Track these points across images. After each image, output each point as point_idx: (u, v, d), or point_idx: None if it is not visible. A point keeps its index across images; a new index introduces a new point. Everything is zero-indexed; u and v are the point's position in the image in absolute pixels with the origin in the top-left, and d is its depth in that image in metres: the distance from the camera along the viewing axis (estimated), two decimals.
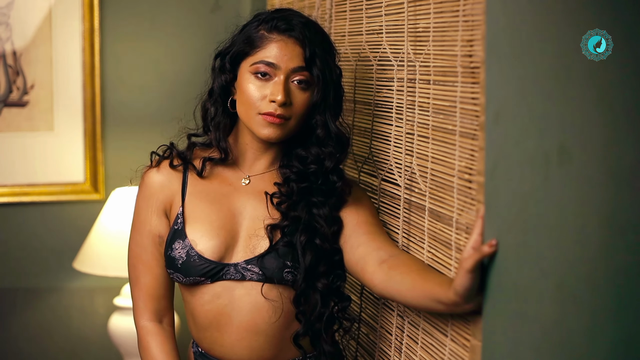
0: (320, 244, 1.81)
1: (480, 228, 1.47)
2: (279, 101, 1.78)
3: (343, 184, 1.85)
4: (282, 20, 1.82)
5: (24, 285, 3.14)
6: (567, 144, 1.26)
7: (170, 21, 3.20)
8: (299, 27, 1.81)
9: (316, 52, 1.81)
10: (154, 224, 1.88)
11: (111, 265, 2.88)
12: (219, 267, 1.82)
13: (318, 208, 1.83)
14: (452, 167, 1.65)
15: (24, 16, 3.03)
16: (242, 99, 1.83)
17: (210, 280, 1.83)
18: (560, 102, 1.27)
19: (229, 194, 1.88)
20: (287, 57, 1.80)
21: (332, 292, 1.84)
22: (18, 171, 3.09)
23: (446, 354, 1.68)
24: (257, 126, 1.81)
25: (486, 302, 1.48)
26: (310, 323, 1.81)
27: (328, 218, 1.83)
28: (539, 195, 1.32)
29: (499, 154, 1.43)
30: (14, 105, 3.06)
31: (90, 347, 3.19)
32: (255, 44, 1.82)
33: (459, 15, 1.61)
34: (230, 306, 1.83)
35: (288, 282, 1.81)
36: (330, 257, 1.83)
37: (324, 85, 1.83)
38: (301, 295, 1.81)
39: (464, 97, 1.59)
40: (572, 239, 1.25)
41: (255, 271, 1.81)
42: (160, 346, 1.91)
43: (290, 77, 1.80)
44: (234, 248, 1.84)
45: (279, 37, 1.81)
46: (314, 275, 1.81)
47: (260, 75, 1.80)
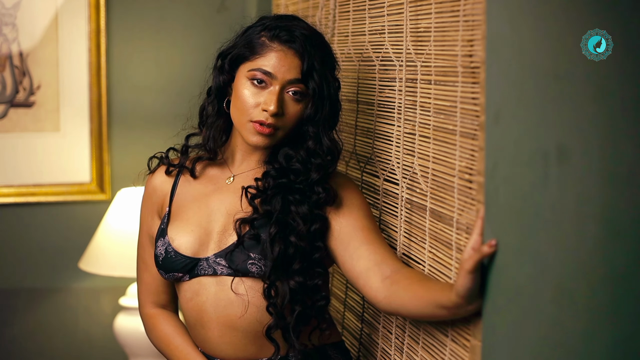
0: (296, 241, 1.79)
1: (480, 228, 1.47)
2: (271, 111, 1.80)
3: (327, 196, 1.83)
4: (285, 30, 1.83)
5: (30, 285, 3.15)
6: (565, 144, 1.25)
7: (176, 21, 3.21)
8: (300, 39, 1.83)
9: (314, 65, 1.82)
10: (149, 224, 1.99)
11: (117, 265, 2.89)
12: (194, 262, 1.85)
13: (296, 205, 1.81)
14: (453, 167, 1.65)
15: (31, 17, 3.04)
16: (236, 103, 1.85)
17: (188, 276, 1.86)
18: (559, 102, 1.27)
19: (211, 193, 1.91)
20: (284, 69, 1.81)
21: (307, 290, 1.81)
22: (24, 171, 3.10)
23: (447, 354, 1.68)
24: (247, 133, 1.84)
25: (486, 303, 1.48)
26: (280, 316, 1.78)
27: (306, 215, 1.80)
28: (538, 195, 1.32)
29: (499, 154, 1.43)
30: (20, 106, 3.07)
31: (96, 347, 3.20)
32: (256, 50, 1.84)
33: (460, 15, 1.61)
34: (209, 302, 1.84)
35: (254, 275, 1.80)
36: (309, 255, 1.81)
37: (319, 98, 1.84)
38: (270, 287, 1.78)
39: (465, 97, 1.59)
40: (570, 239, 1.24)
41: (223, 264, 1.82)
42: (166, 321, 1.99)
43: (286, 87, 1.82)
44: (207, 244, 1.86)
45: (280, 47, 1.82)
46: (286, 270, 1.79)
47: (257, 82, 1.82)
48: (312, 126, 1.85)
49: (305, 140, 1.85)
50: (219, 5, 3.23)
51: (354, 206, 1.85)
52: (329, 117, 1.87)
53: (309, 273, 1.81)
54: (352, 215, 1.83)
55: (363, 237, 1.80)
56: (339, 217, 1.84)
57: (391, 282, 1.71)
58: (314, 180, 1.83)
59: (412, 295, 1.65)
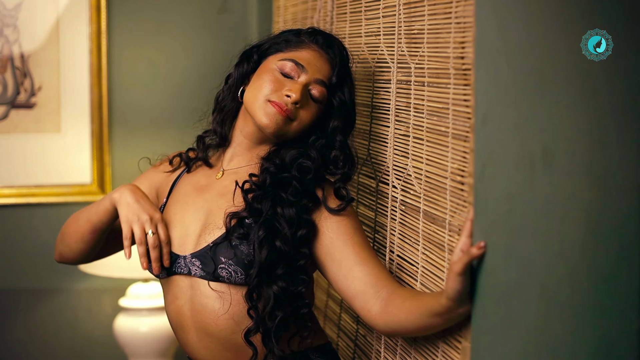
0: (281, 245, 1.75)
1: (469, 230, 1.47)
2: (293, 98, 1.81)
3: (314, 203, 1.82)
4: (325, 37, 1.91)
5: (30, 285, 3.16)
6: (551, 146, 1.25)
7: (177, 23, 3.22)
8: (337, 49, 1.90)
9: (347, 79, 1.89)
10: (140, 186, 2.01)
11: (117, 266, 2.89)
12: (174, 257, 1.84)
13: (283, 207, 1.78)
14: (445, 169, 1.65)
15: (32, 18, 3.05)
16: (256, 84, 1.86)
17: (166, 272, 1.85)
18: (545, 105, 1.27)
19: (200, 188, 1.92)
20: (316, 67, 1.86)
21: (290, 295, 1.77)
22: (25, 172, 3.11)
23: (439, 355, 1.68)
24: (260, 111, 1.83)
25: (475, 304, 1.48)
26: (261, 320, 1.75)
27: (292, 219, 1.77)
28: (525, 197, 1.32)
29: (487, 156, 1.43)
30: (21, 107, 3.08)
31: (96, 348, 3.21)
32: (292, 44, 1.89)
33: (452, 17, 1.61)
34: (186, 307, 1.84)
35: (224, 280, 1.77)
36: (293, 260, 1.77)
37: (346, 111, 1.89)
38: (253, 291, 1.75)
39: (456, 99, 1.60)
40: (555, 241, 1.24)
41: (197, 265, 1.80)
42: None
43: (311, 85, 1.85)
44: (185, 243, 1.85)
45: (316, 48, 1.89)
46: (270, 275, 1.75)
47: (283, 75, 1.85)
48: (341, 135, 1.88)
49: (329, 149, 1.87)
50: (219, 7, 3.23)
51: (344, 220, 1.80)
52: (352, 127, 1.92)
53: (292, 279, 1.77)
54: (340, 230, 1.79)
55: (355, 254, 1.76)
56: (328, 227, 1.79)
57: (387, 303, 1.69)
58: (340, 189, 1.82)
59: (407, 312, 1.64)
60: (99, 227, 1.94)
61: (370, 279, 1.73)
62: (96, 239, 1.97)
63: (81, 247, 1.99)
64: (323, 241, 1.79)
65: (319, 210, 1.81)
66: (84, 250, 2.00)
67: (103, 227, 1.94)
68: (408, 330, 1.67)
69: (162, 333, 2.93)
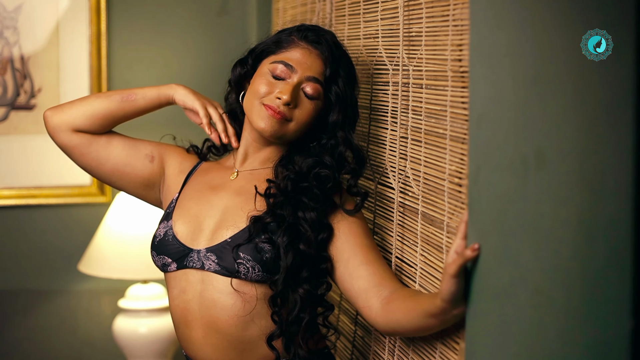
0: (305, 248, 1.79)
1: (464, 232, 1.48)
2: (284, 100, 1.83)
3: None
4: (314, 32, 1.91)
5: (30, 287, 3.17)
6: (543, 149, 1.26)
7: (176, 25, 3.22)
8: (327, 44, 1.89)
9: (339, 71, 1.89)
10: (151, 149, 2.04)
11: (116, 267, 2.90)
12: (187, 250, 1.85)
13: (304, 211, 1.81)
14: (443, 171, 1.65)
15: (32, 20, 3.06)
16: (252, 89, 1.89)
17: (176, 265, 1.86)
18: (538, 107, 1.28)
19: (215, 187, 1.93)
20: (306, 65, 1.87)
21: (315, 299, 1.82)
22: (25, 174, 3.11)
23: (437, 356, 1.68)
24: (257, 116, 1.86)
25: (469, 306, 1.48)
26: (287, 325, 1.79)
27: (314, 223, 1.80)
28: (518, 199, 1.32)
29: (482, 158, 1.44)
30: (21, 109, 3.09)
31: (95, 349, 3.22)
32: (282, 45, 1.90)
33: (449, 20, 1.62)
34: (194, 301, 1.84)
35: (241, 275, 1.79)
36: (316, 264, 1.81)
37: (344, 104, 1.88)
38: (278, 296, 1.78)
39: (454, 101, 1.60)
40: (548, 242, 1.25)
41: (213, 260, 1.81)
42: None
43: (303, 83, 1.86)
44: (198, 237, 1.86)
45: (305, 45, 1.89)
46: (296, 279, 1.79)
47: (275, 78, 1.87)
48: (342, 131, 1.88)
49: (334, 148, 1.88)
50: (219, 9, 3.24)
51: (355, 223, 1.84)
52: (353, 122, 1.92)
53: (315, 283, 1.81)
54: (351, 232, 1.83)
55: (362, 255, 1.80)
56: (341, 230, 1.83)
57: (387, 302, 1.72)
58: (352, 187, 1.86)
59: (405, 312, 1.66)
60: (121, 115, 2.01)
61: (374, 278, 1.76)
62: (104, 124, 2.02)
63: (84, 123, 2.05)
64: (335, 242, 1.83)
65: (333, 214, 1.84)
66: (85, 125, 2.06)
67: (131, 114, 2.03)
68: (407, 329, 1.69)
69: (161, 334, 2.93)
